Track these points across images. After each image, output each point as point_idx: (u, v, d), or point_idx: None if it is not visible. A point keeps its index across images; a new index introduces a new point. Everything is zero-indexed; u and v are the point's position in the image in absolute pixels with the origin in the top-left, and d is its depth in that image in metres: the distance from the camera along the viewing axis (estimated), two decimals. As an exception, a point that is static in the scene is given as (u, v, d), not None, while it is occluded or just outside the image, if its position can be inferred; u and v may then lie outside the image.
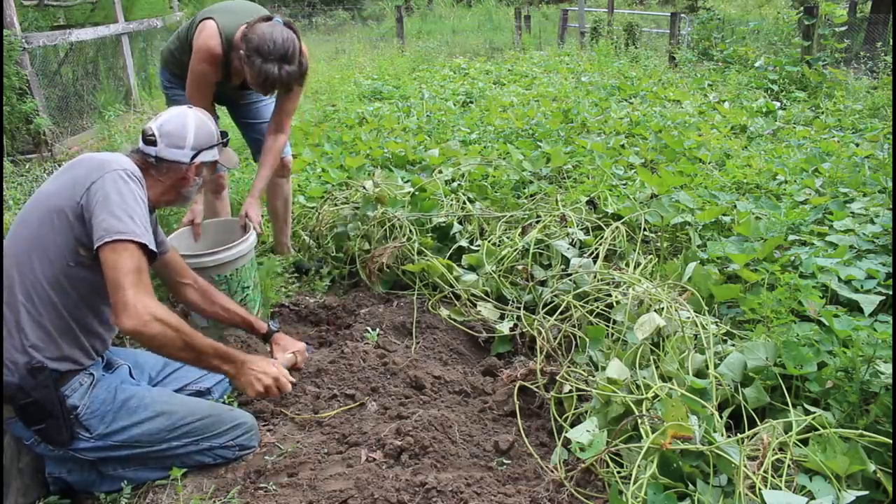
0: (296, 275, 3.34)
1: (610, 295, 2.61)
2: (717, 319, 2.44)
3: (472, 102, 6.70)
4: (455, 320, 2.83)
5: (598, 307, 2.58)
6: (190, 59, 2.85)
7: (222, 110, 3.24)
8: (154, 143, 1.98)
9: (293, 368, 2.29)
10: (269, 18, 2.64)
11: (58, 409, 1.81)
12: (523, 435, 2.13)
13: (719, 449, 1.69)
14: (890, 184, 3.34)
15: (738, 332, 2.36)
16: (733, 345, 2.22)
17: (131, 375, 2.10)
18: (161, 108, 5.43)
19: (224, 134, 2.17)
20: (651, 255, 3.03)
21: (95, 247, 1.73)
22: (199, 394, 2.23)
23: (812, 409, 1.87)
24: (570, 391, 2.19)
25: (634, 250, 3.01)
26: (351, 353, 2.55)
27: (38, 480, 1.96)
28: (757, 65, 7.53)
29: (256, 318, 2.39)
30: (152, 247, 1.79)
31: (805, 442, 1.78)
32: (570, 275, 2.83)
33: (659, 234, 3.19)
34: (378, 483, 1.86)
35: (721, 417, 1.89)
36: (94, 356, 1.93)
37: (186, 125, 2.03)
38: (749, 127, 5.16)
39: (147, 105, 7.01)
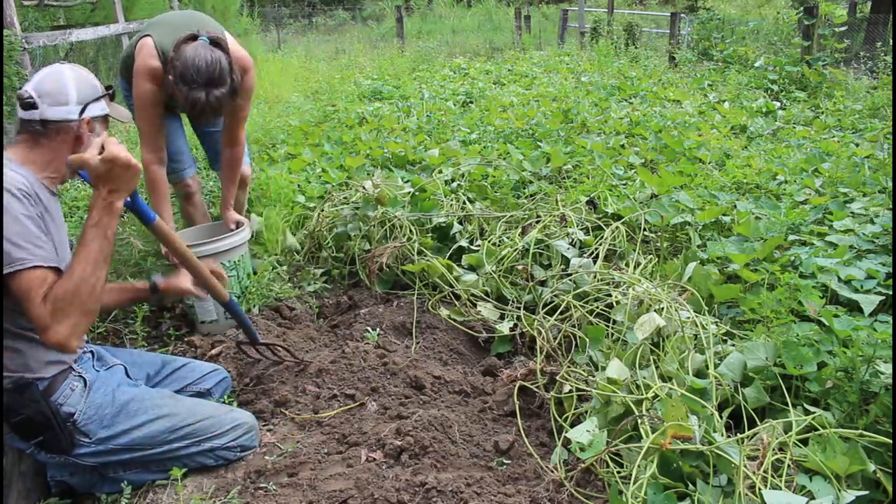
0: (293, 279, 3.29)
1: (610, 295, 2.61)
2: (717, 319, 2.44)
3: (472, 102, 6.69)
4: (455, 320, 2.83)
5: (598, 307, 2.58)
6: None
7: (185, 119, 3.12)
8: (34, 106, 1.77)
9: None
10: (194, 38, 2.46)
11: (52, 420, 1.77)
12: (523, 435, 2.13)
13: (719, 449, 1.69)
14: (890, 184, 3.34)
15: (738, 332, 2.36)
16: (733, 345, 2.22)
17: (128, 375, 2.08)
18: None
19: (108, 87, 1.97)
20: (651, 255, 3.03)
21: None
22: (200, 395, 2.23)
23: (812, 409, 1.87)
24: (570, 391, 2.19)
25: (634, 250, 3.01)
26: (351, 353, 2.56)
27: (38, 483, 1.97)
28: (757, 65, 7.52)
29: (132, 284, 2.24)
30: (48, 263, 1.66)
31: (805, 442, 1.78)
32: (570, 275, 2.83)
33: (659, 234, 3.19)
34: (378, 483, 1.86)
35: (721, 417, 1.89)
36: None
37: (64, 80, 1.82)
38: (749, 127, 5.16)
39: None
